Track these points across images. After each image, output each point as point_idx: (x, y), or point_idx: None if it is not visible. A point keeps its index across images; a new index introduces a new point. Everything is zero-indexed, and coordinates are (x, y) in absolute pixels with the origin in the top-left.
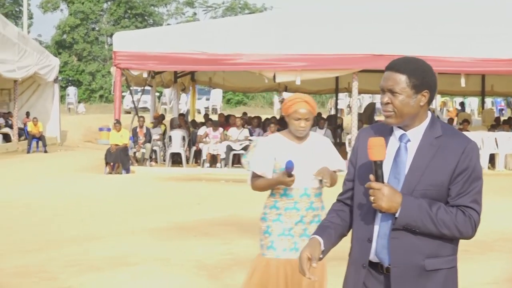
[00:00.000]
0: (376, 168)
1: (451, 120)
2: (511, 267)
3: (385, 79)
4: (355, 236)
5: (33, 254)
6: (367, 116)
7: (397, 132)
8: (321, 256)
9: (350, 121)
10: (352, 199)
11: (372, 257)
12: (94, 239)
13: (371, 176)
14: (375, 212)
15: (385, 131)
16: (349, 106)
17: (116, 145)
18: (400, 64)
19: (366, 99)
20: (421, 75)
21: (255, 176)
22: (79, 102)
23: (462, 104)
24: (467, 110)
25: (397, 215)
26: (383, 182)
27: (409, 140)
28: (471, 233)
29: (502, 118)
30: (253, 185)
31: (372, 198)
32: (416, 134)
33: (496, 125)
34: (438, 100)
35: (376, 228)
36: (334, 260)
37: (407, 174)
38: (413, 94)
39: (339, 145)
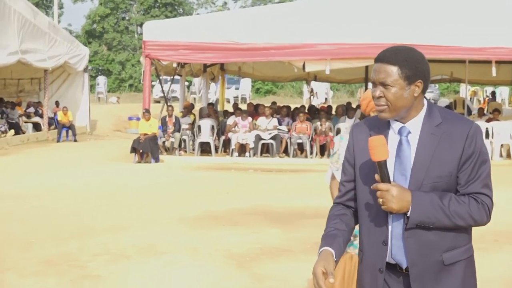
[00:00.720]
0: (380, 168)
1: (481, 110)
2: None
3: (376, 71)
4: (366, 240)
5: (64, 243)
6: None
7: (395, 126)
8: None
9: None
10: (354, 200)
11: (388, 259)
12: (123, 228)
13: (377, 177)
14: (386, 213)
15: (381, 126)
16: None
17: (145, 134)
18: (390, 55)
19: None
20: (414, 64)
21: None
22: (108, 91)
23: (493, 94)
24: (498, 99)
25: (409, 214)
26: (389, 181)
27: (409, 133)
28: (486, 219)
29: None
30: (332, 189)
31: (380, 200)
32: (415, 125)
33: None
34: (468, 89)
35: (389, 229)
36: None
37: (412, 169)
38: (406, 85)
39: None
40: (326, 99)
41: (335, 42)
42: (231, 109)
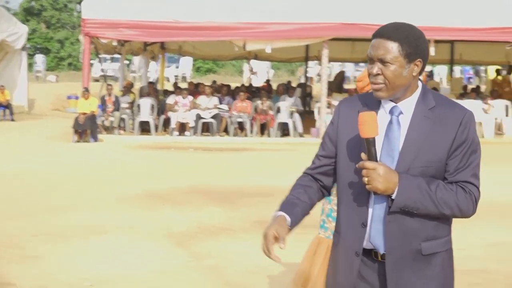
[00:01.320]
0: (368, 145)
1: None
2: (494, 232)
3: (374, 47)
4: (344, 221)
5: (1, 224)
6: (336, 85)
7: (387, 105)
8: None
9: (319, 90)
10: (324, 175)
11: (366, 243)
12: (62, 209)
13: (363, 155)
14: (369, 194)
15: (371, 103)
16: (318, 75)
17: (84, 113)
18: (391, 31)
19: (336, 67)
20: (415, 42)
21: None
22: (47, 70)
23: (431, 73)
24: (436, 78)
25: (394, 196)
26: (376, 160)
27: (401, 113)
28: (472, 210)
29: (470, 87)
30: None
31: (366, 179)
32: (408, 106)
33: (464, 93)
34: None
35: (370, 211)
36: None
37: (401, 151)
38: (406, 63)
39: (308, 114)
40: (267, 78)
41: (276, 21)
42: (171, 88)
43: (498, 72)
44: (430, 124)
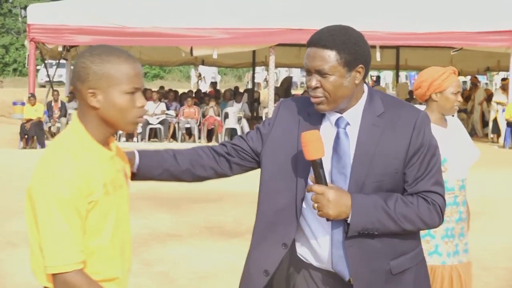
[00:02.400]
0: (315, 168)
1: None
2: None
3: (310, 57)
4: (259, 236)
5: None
6: (283, 90)
7: (332, 117)
8: (133, 170)
9: (267, 95)
10: (238, 155)
11: (330, 268)
12: (10, 215)
13: (311, 177)
14: (297, 210)
15: (313, 112)
16: (266, 80)
17: (30, 119)
18: (326, 38)
19: (283, 72)
20: (353, 48)
21: None
22: None
23: (378, 78)
24: (382, 83)
25: (349, 220)
26: (325, 183)
27: (348, 124)
28: (438, 221)
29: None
30: None
31: (315, 205)
32: (354, 115)
33: (410, 98)
34: None
35: (328, 237)
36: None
37: (353, 166)
38: (346, 72)
39: (256, 119)
40: (213, 83)
41: (222, 26)
42: None
43: None
44: (379, 132)
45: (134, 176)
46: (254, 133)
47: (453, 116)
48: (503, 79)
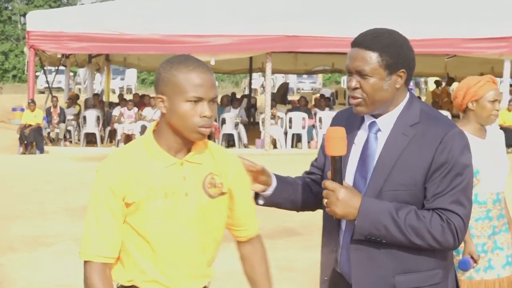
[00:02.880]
0: (334, 164)
1: None
2: None
3: (352, 58)
4: (324, 242)
5: None
6: (280, 96)
7: (367, 120)
8: (268, 192)
9: (263, 101)
10: (315, 182)
11: (338, 268)
12: (9, 220)
13: (329, 173)
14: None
15: (355, 118)
16: (262, 86)
17: (30, 125)
18: (369, 39)
19: (279, 78)
20: (396, 51)
21: None
22: None
23: None
24: None
25: (356, 222)
26: (341, 181)
27: (379, 130)
28: (452, 242)
29: None
30: None
31: (325, 201)
32: (387, 121)
33: None
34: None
35: (340, 236)
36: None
37: (373, 172)
38: (387, 75)
39: (253, 125)
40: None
41: (220, 33)
42: (116, 100)
43: (437, 83)
44: (406, 142)
45: (262, 199)
46: (320, 151)
47: (493, 126)
48: None
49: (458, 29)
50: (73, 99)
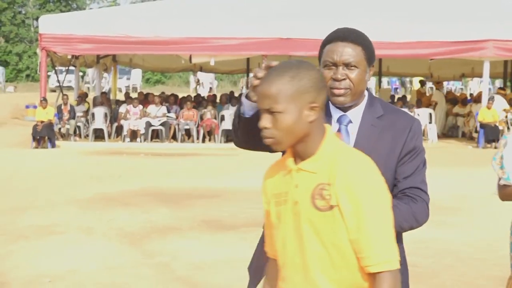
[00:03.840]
0: None
1: None
2: None
3: (338, 51)
4: None
5: None
6: None
7: (335, 113)
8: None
9: None
10: None
11: None
12: (21, 210)
13: None
14: None
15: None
16: None
17: (42, 121)
18: (353, 35)
19: None
20: (371, 47)
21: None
22: (6, 81)
23: None
24: None
25: None
26: None
27: (350, 122)
28: (426, 218)
29: (396, 96)
30: (502, 194)
31: None
32: (355, 114)
33: (392, 102)
34: None
35: None
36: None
37: None
38: (367, 68)
39: None
40: (211, 88)
41: (219, 36)
42: (123, 98)
43: (422, 83)
44: (377, 133)
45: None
46: None
47: None
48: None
49: (442, 31)
50: (82, 97)
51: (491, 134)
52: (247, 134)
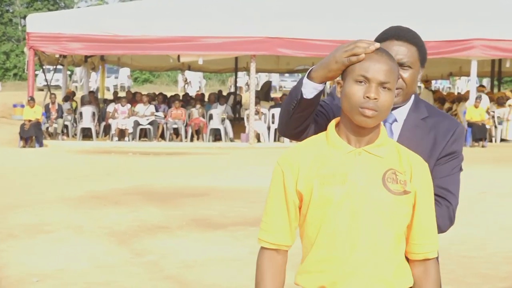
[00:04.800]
0: None
1: None
2: None
3: (393, 50)
4: None
5: None
6: (263, 93)
7: None
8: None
9: (248, 98)
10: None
11: None
12: (10, 209)
13: None
14: None
15: None
16: (247, 84)
17: (30, 120)
18: (409, 34)
19: (263, 77)
20: (425, 49)
21: None
22: None
23: None
24: None
25: None
26: None
27: (395, 121)
28: (449, 223)
29: None
30: None
31: None
32: (401, 113)
33: None
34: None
35: None
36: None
37: None
38: (420, 68)
39: (238, 120)
40: (199, 87)
41: (207, 35)
42: (111, 97)
43: None
44: (420, 134)
45: (315, 91)
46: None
47: None
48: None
49: (430, 31)
50: (70, 96)
51: (479, 133)
52: (304, 117)
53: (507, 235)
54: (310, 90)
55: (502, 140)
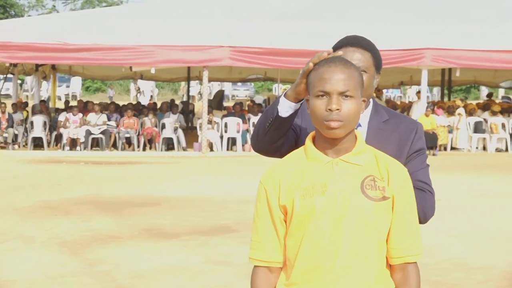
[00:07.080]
0: None
1: None
2: None
3: (348, 57)
4: None
5: None
6: (216, 102)
7: None
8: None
9: (201, 107)
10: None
11: None
12: None
13: None
14: None
15: None
16: (200, 93)
17: None
18: (362, 41)
19: (215, 86)
20: (379, 55)
21: None
22: None
23: None
24: None
25: None
26: None
27: (359, 125)
28: (433, 212)
29: None
30: None
31: None
32: (363, 118)
33: None
34: (280, 87)
35: None
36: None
37: None
38: (375, 74)
39: (191, 129)
40: (151, 96)
41: (159, 44)
42: (62, 106)
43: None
44: (385, 136)
45: (290, 110)
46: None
47: None
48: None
49: (381, 40)
50: (20, 105)
51: (429, 141)
52: (278, 135)
53: (456, 241)
54: (285, 108)
55: (452, 148)
